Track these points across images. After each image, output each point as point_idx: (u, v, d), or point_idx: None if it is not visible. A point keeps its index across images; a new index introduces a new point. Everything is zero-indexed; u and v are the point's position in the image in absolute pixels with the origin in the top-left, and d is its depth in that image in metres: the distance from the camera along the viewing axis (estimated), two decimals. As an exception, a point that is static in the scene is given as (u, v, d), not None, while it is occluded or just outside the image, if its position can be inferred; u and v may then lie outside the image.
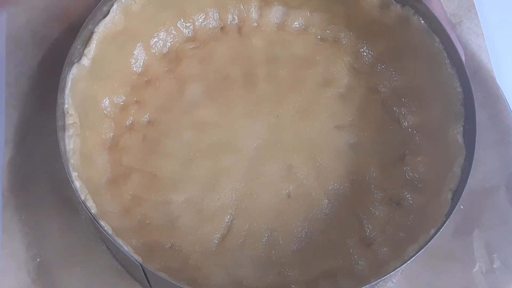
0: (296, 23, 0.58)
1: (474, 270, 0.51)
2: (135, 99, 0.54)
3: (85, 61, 0.50)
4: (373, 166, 0.53)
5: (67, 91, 0.48)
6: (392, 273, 0.44)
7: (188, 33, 0.57)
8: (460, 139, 0.49)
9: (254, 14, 0.58)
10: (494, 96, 0.58)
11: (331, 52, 0.57)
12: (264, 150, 0.53)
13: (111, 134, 0.53)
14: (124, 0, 0.52)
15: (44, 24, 0.57)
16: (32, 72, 0.56)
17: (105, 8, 0.51)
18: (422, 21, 0.52)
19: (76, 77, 0.49)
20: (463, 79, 0.50)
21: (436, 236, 0.45)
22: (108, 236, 0.43)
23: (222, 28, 0.58)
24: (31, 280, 0.49)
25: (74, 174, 0.46)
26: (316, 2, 0.57)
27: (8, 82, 0.55)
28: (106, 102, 0.53)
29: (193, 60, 0.56)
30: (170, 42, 0.57)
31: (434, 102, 0.52)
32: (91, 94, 0.51)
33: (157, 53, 0.56)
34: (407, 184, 0.52)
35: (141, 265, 0.43)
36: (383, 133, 0.54)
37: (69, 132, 0.47)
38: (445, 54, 0.51)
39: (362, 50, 0.57)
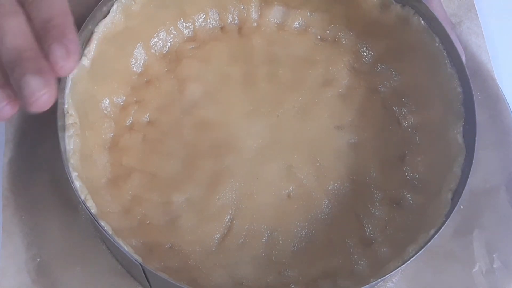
0: (296, 23, 0.58)
1: (474, 270, 0.52)
2: (135, 99, 0.54)
3: (85, 61, 0.50)
4: (373, 166, 0.53)
5: (67, 91, 0.48)
6: (392, 273, 0.44)
7: (188, 33, 0.57)
8: (460, 139, 0.49)
9: (254, 14, 0.58)
10: (494, 96, 0.58)
11: (331, 52, 0.57)
12: (264, 150, 0.53)
13: (111, 134, 0.53)
14: (124, 0, 0.52)
15: (44, 24, 0.57)
16: (32, 72, 0.56)
17: (105, 8, 0.51)
18: (422, 21, 0.52)
19: (76, 77, 0.49)
20: (463, 79, 0.50)
21: (436, 236, 0.45)
22: (108, 236, 0.43)
23: (222, 28, 0.58)
24: (31, 280, 0.49)
25: (74, 174, 0.46)
26: (316, 2, 0.57)
27: (8, 82, 0.55)
28: (106, 102, 0.53)
29: (193, 60, 0.56)
30: (170, 42, 0.57)
31: (434, 102, 0.52)
32: (91, 94, 0.51)
33: (157, 53, 0.56)
34: (407, 184, 0.52)
35: (141, 265, 0.43)
36: (383, 133, 0.54)
37: (69, 132, 0.47)
38: (445, 54, 0.51)
39: (362, 50, 0.57)
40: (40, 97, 0.37)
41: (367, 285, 0.44)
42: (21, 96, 0.37)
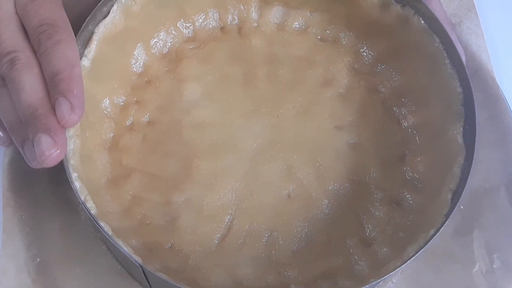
0: (296, 23, 0.58)
1: (474, 270, 0.51)
2: (135, 99, 0.54)
3: (85, 61, 0.50)
4: (373, 166, 0.53)
5: (67, 91, 0.48)
6: (392, 273, 0.44)
7: (188, 33, 0.57)
8: (460, 139, 0.49)
9: (254, 14, 0.58)
10: (494, 96, 0.58)
11: (331, 52, 0.57)
12: (264, 150, 0.53)
13: (111, 134, 0.53)
14: (124, 0, 0.52)
15: (44, 24, 0.57)
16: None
17: (105, 9, 0.51)
18: (422, 22, 0.52)
19: (76, 77, 0.49)
20: (463, 79, 0.50)
21: (436, 236, 0.45)
22: (108, 237, 0.43)
23: (222, 28, 0.58)
24: (31, 280, 0.49)
25: (74, 175, 0.46)
26: (316, 2, 0.57)
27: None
28: (106, 102, 0.53)
29: (193, 60, 0.56)
30: (170, 42, 0.57)
31: (434, 102, 0.52)
32: (91, 94, 0.51)
33: (157, 53, 0.56)
34: (407, 184, 0.52)
35: (140, 265, 0.43)
36: (383, 133, 0.54)
37: (69, 132, 0.47)
38: (445, 54, 0.51)
39: (362, 50, 0.57)
40: (50, 155, 0.41)
41: (367, 285, 0.44)
42: (35, 151, 0.41)
